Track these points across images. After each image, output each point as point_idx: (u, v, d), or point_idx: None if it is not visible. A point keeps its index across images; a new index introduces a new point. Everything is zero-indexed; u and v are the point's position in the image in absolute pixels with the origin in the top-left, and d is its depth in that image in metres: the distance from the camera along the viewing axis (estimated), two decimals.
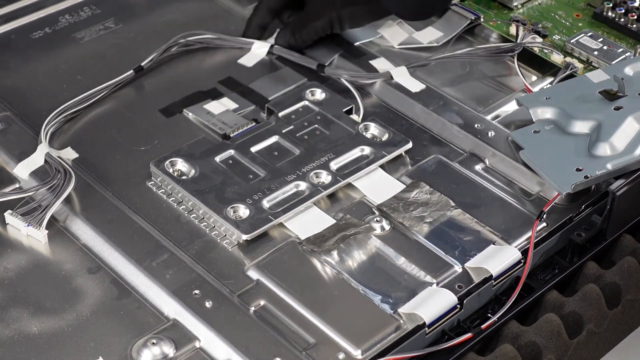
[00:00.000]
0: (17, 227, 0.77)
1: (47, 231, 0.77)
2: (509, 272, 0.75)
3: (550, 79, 0.94)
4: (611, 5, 0.98)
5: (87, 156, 0.84)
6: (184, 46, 0.95)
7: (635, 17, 0.97)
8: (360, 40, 0.97)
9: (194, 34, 0.96)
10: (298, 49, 0.96)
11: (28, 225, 0.77)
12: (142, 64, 0.92)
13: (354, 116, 0.88)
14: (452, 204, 0.80)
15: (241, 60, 0.95)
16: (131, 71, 0.91)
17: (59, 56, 0.95)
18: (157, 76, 0.93)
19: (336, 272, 0.75)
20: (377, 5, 0.92)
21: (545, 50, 0.95)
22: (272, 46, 0.96)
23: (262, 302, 0.73)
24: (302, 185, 0.81)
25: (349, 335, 0.70)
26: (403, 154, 0.85)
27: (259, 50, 0.95)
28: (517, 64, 0.94)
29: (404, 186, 0.82)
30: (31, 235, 0.77)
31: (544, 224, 0.79)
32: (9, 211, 0.78)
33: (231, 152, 0.83)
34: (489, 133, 0.86)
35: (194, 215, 0.79)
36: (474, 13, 0.99)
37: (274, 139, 0.85)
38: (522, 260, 0.76)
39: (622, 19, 0.98)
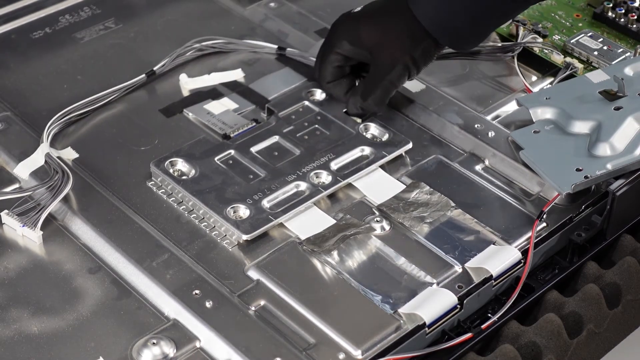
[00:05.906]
0: (13, 227, 0.77)
1: (41, 232, 0.76)
2: (509, 272, 0.75)
3: (550, 79, 0.94)
4: (611, 5, 0.98)
5: (87, 156, 0.84)
6: (198, 50, 0.94)
7: (635, 17, 0.97)
8: None
9: (207, 39, 0.95)
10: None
11: (23, 226, 0.76)
12: (155, 68, 0.91)
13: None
14: (452, 204, 0.80)
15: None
16: (143, 75, 0.91)
17: (59, 56, 0.95)
18: (157, 76, 0.93)
19: (336, 272, 0.75)
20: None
21: (545, 50, 0.95)
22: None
23: (262, 302, 0.73)
24: (302, 186, 0.81)
25: (349, 335, 0.70)
26: (403, 154, 0.85)
27: None
28: (517, 64, 0.94)
29: (404, 186, 0.82)
30: (26, 236, 0.77)
31: (544, 224, 0.79)
32: (6, 211, 0.77)
33: (231, 152, 0.83)
34: (489, 133, 0.86)
35: (194, 215, 0.79)
36: None
37: (274, 139, 0.85)
38: (522, 260, 0.76)
39: (622, 19, 0.98)
